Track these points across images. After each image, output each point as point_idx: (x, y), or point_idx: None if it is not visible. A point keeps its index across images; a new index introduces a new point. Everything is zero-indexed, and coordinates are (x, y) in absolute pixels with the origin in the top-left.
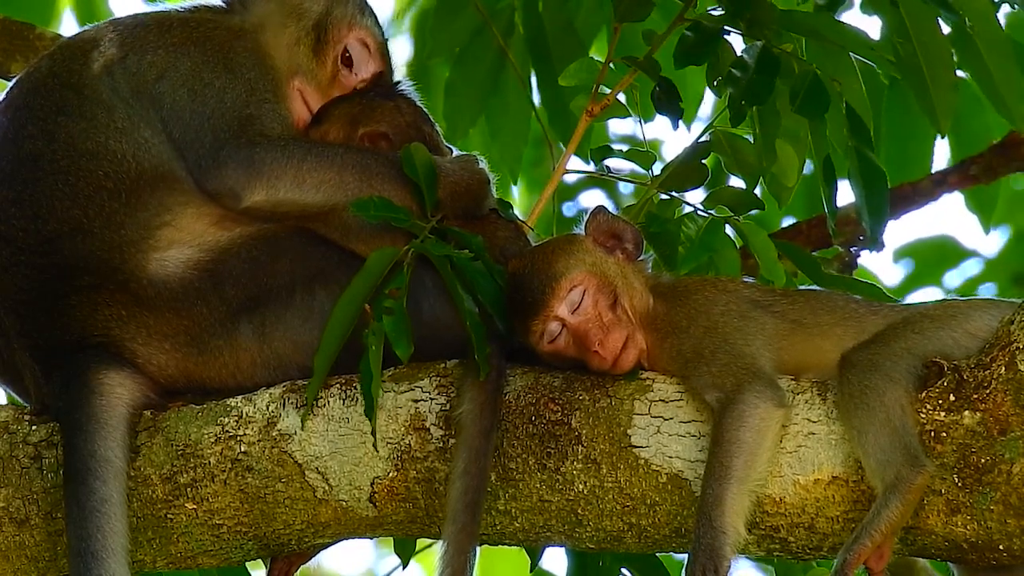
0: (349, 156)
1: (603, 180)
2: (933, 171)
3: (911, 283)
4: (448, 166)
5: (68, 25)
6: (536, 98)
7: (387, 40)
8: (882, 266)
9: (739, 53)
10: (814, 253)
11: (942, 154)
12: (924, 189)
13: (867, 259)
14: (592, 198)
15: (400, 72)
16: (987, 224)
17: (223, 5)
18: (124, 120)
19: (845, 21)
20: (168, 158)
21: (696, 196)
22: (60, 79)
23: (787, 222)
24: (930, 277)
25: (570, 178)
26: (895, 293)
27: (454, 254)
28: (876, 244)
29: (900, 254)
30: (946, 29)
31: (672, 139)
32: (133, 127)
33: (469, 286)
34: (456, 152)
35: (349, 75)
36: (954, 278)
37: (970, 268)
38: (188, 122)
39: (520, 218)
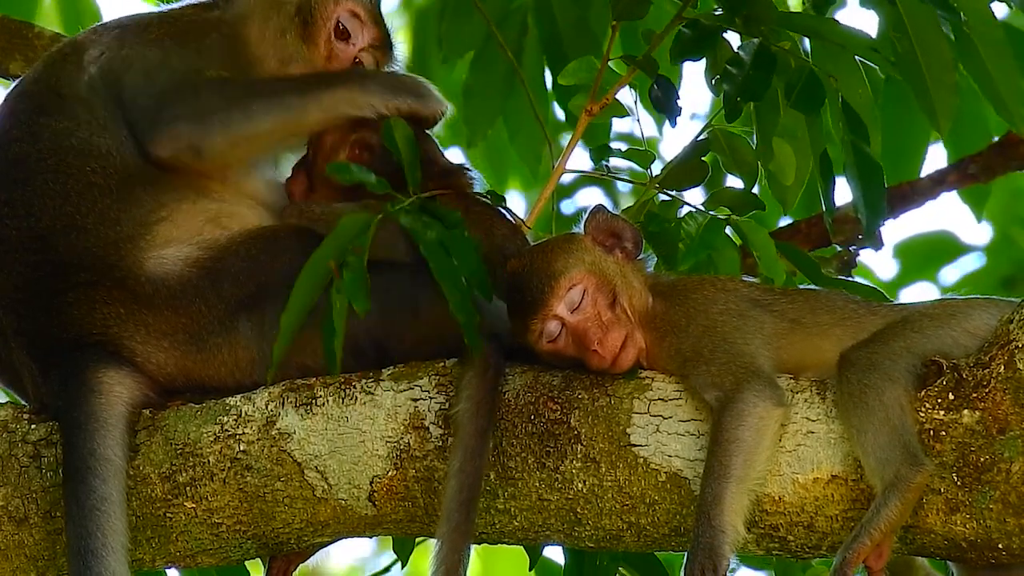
0: (287, 79)
1: (600, 178)
2: (932, 170)
3: (906, 277)
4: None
5: (47, 21)
6: (549, 97)
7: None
8: (880, 262)
9: (735, 49)
10: (813, 252)
11: (938, 151)
12: (923, 188)
13: (864, 254)
14: (589, 196)
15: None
16: (979, 216)
17: (208, 2)
18: (104, 116)
19: (843, 22)
20: None
21: (695, 194)
22: (41, 83)
23: (783, 220)
24: (926, 272)
25: (567, 176)
26: (891, 288)
27: (428, 222)
28: (874, 241)
29: (899, 250)
30: (945, 30)
31: (669, 135)
32: (113, 122)
33: (448, 258)
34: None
35: (347, 47)
36: (950, 274)
37: (967, 264)
38: (136, 102)
39: (513, 212)
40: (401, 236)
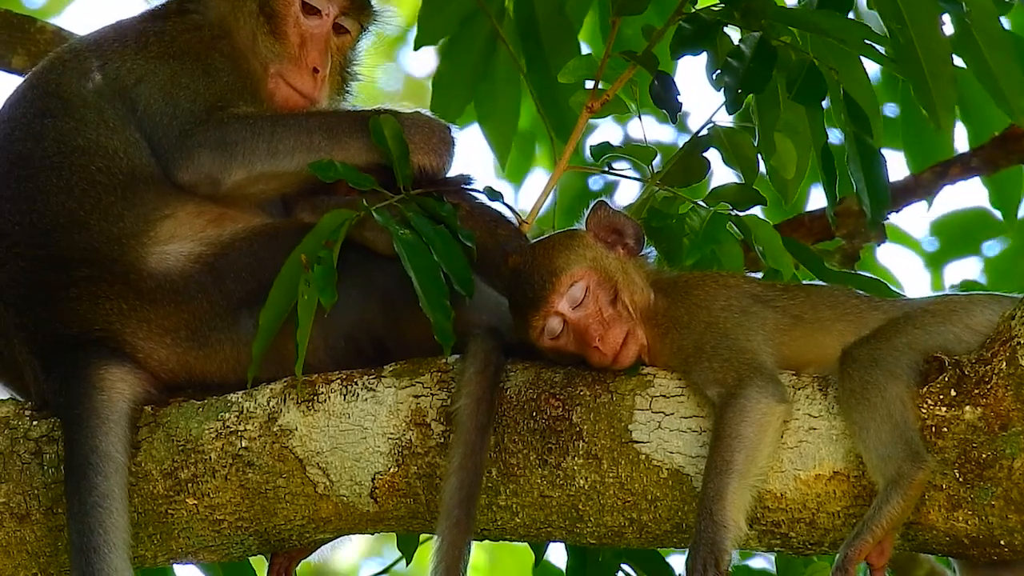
0: (315, 119)
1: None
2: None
3: (947, 253)
4: (413, 117)
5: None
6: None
7: None
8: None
9: (736, 43)
10: (816, 245)
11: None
12: (925, 181)
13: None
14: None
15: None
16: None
17: (189, 12)
18: (114, 119)
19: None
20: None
21: (698, 189)
22: (39, 89)
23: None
24: (968, 247)
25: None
26: (932, 261)
27: (414, 220)
28: (877, 230)
29: (936, 227)
30: (947, 24)
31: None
32: (123, 126)
33: (429, 253)
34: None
35: (320, 22)
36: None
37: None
38: (158, 121)
39: (513, 208)
40: None
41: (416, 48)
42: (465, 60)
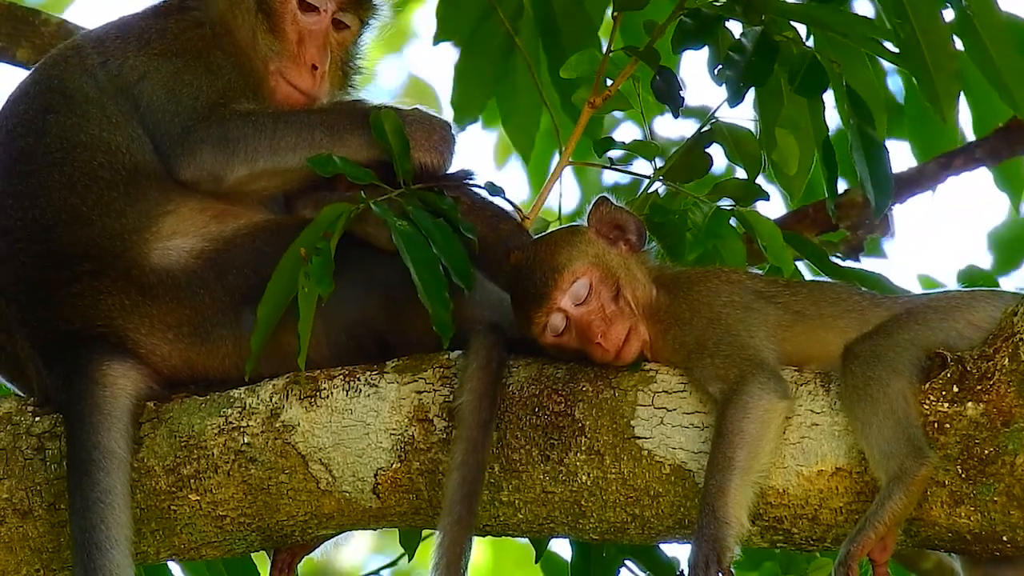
0: (316, 116)
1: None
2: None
3: (1006, 265)
4: (414, 114)
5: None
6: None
7: None
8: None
9: (738, 37)
10: (820, 237)
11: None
12: (930, 172)
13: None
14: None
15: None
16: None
17: (191, 9)
18: (117, 115)
19: (847, 10)
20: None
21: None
22: (42, 85)
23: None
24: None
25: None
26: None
27: (413, 213)
28: (883, 226)
29: (994, 238)
30: (949, 17)
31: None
32: (126, 122)
33: (428, 246)
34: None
35: (318, 18)
36: None
37: None
38: (160, 118)
39: (514, 203)
40: None
41: (435, 43)
42: (483, 56)
